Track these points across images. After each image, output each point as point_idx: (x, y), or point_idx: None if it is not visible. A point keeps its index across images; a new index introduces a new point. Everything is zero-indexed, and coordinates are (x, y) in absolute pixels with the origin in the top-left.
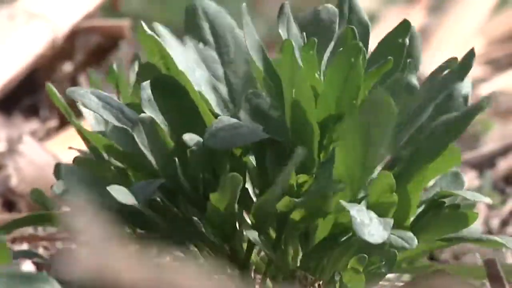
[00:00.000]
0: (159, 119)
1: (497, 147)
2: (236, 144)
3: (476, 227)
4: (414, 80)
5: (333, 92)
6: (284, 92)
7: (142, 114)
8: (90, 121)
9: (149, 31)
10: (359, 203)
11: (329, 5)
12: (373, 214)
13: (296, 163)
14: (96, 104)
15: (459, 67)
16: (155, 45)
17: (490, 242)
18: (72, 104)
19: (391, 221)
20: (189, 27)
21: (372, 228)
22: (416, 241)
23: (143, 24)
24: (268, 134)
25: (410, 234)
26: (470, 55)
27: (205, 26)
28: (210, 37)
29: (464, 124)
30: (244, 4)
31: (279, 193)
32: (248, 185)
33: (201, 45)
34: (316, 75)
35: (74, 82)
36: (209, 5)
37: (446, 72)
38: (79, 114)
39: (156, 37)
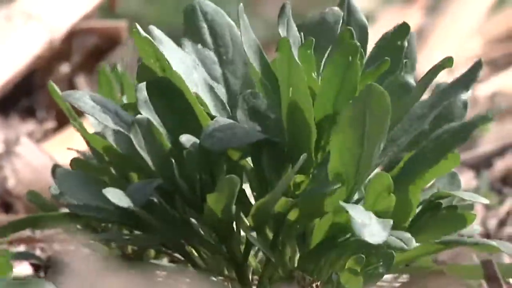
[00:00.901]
0: (156, 120)
1: (494, 147)
2: (232, 145)
3: (474, 228)
4: (411, 80)
5: (330, 91)
6: (281, 91)
7: (139, 116)
8: (91, 121)
9: (143, 34)
10: (356, 204)
11: (335, 8)
12: (372, 214)
13: (297, 168)
14: (91, 107)
15: (465, 76)
16: (150, 47)
17: (486, 247)
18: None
19: (390, 221)
20: (188, 27)
21: (372, 228)
22: (414, 241)
23: (138, 26)
24: (265, 134)
25: (407, 234)
26: (478, 65)
27: (204, 26)
28: (208, 38)
29: (468, 132)
30: (241, 4)
31: (278, 197)
32: (245, 186)
33: (199, 46)
34: (313, 75)
35: (71, 83)
36: (208, 5)
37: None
38: (80, 114)
39: (151, 39)
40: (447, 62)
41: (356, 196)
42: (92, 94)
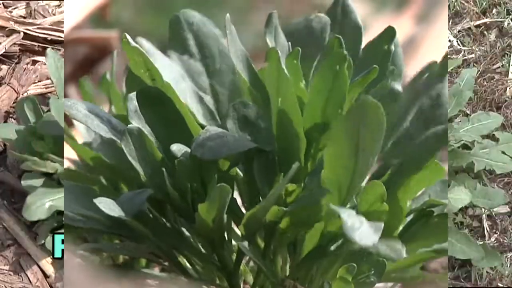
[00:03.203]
0: (147, 130)
1: None
2: (223, 154)
3: None
4: (398, 87)
5: (318, 101)
6: (270, 101)
7: (130, 125)
8: (80, 131)
9: (133, 43)
10: None
11: (321, 14)
12: (363, 218)
13: (290, 178)
14: (83, 115)
15: (438, 70)
16: (140, 57)
17: None
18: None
19: (381, 224)
20: (173, 38)
21: (363, 231)
22: (404, 252)
23: (127, 36)
24: (255, 143)
25: (399, 245)
26: (445, 57)
27: (190, 37)
28: (194, 48)
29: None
30: (227, 14)
31: (270, 206)
32: (236, 195)
33: (185, 57)
34: (301, 84)
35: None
36: (193, 16)
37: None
38: (69, 125)
39: (141, 49)
40: (432, 66)
41: (348, 205)
42: (85, 102)
